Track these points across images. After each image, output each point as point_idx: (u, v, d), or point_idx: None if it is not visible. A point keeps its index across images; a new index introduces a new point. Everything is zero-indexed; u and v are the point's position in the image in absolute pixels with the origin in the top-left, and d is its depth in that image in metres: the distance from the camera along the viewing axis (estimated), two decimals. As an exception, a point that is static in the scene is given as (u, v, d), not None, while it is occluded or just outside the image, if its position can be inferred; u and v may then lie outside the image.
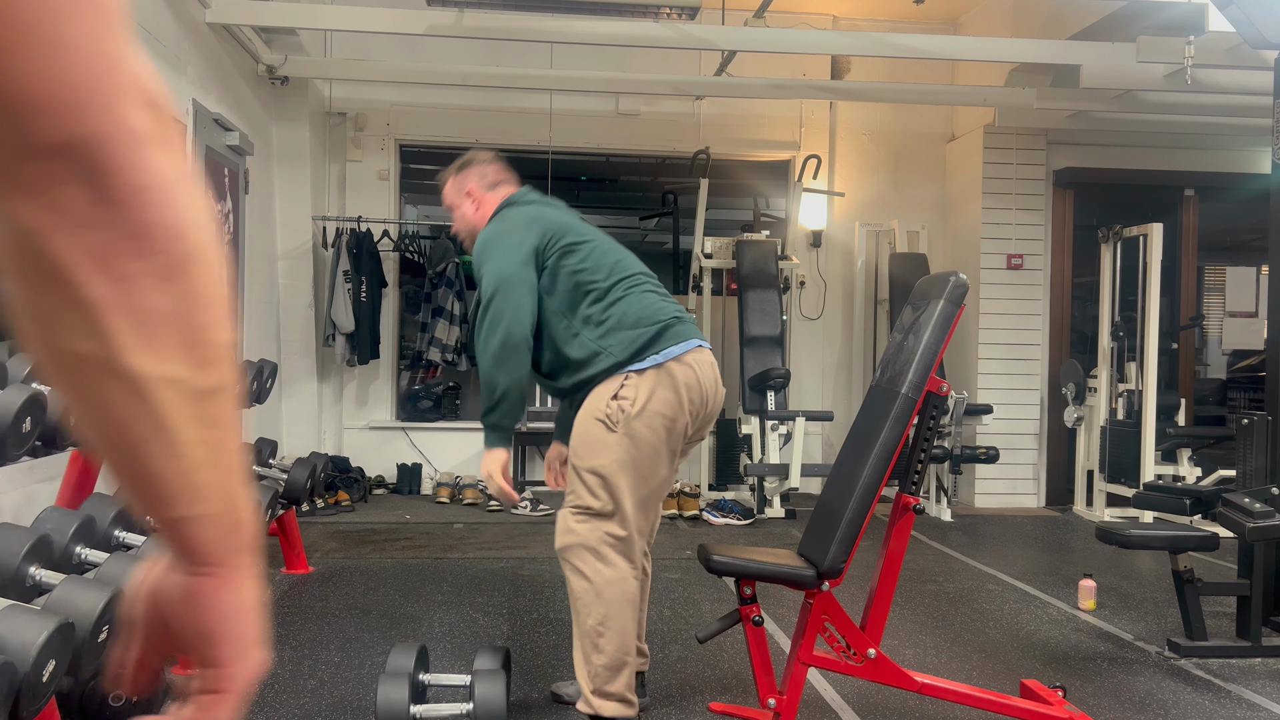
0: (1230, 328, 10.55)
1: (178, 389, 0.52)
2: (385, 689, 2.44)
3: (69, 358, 0.50)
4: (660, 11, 5.32)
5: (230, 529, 0.57)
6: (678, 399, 2.58)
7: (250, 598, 0.59)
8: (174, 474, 0.54)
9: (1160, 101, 6.22)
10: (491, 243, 2.67)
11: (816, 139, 7.29)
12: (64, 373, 0.51)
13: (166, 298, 0.50)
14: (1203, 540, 3.47)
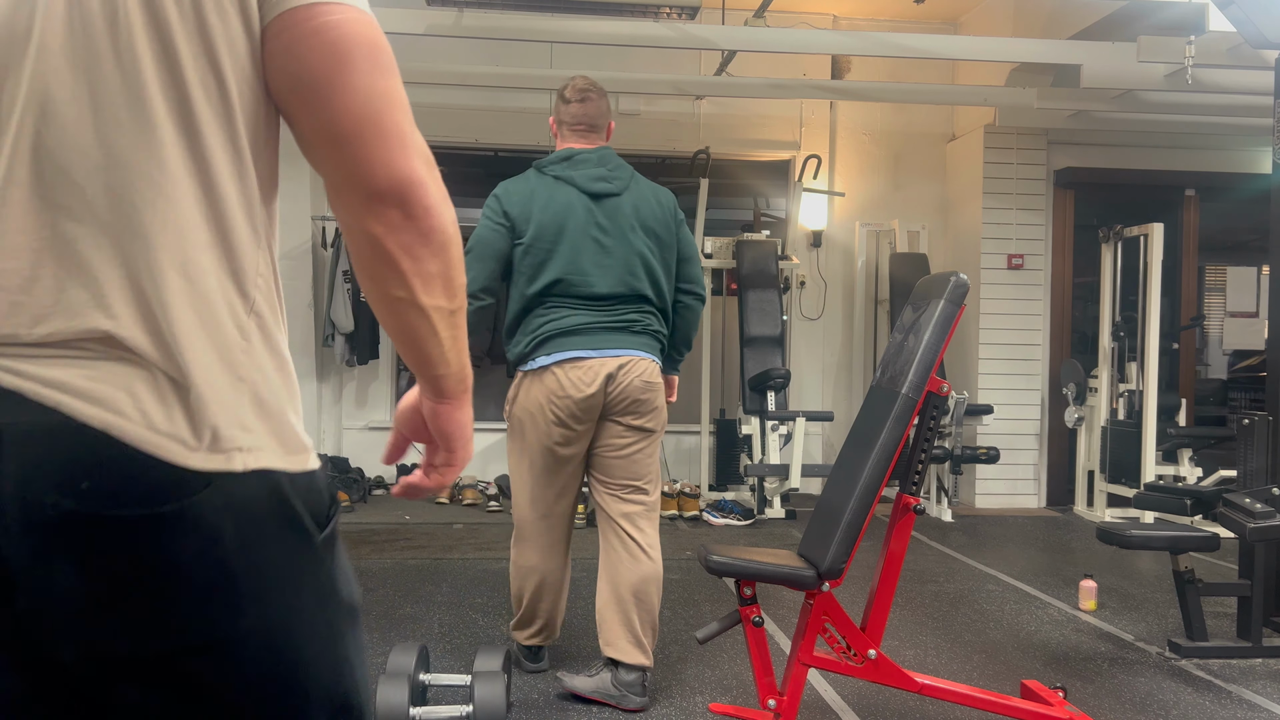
0: (1231, 328, 10.54)
1: (440, 311, 0.96)
2: (385, 690, 2.44)
3: (390, 299, 0.94)
4: (660, 11, 5.32)
5: (459, 381, 1.04)
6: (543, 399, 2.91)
7: (468, 418, 1.07)
8: (436, 353, 0.99)
9: (1161, 101, 6.21)
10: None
11: (816, 139, 7.29)
12: (386, 307, 0.95)
13: (436, 264, 0.93)
14: (1203, 541, 3.46)
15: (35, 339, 0.80)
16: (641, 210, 2.99)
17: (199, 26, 0.83)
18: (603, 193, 2.97)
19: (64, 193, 0.82)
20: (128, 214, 0.82)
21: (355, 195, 0.88)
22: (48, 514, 0.77)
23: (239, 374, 0.85)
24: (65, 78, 0.82)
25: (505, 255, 2.93)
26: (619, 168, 3.04)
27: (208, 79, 0.84)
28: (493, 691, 2.49)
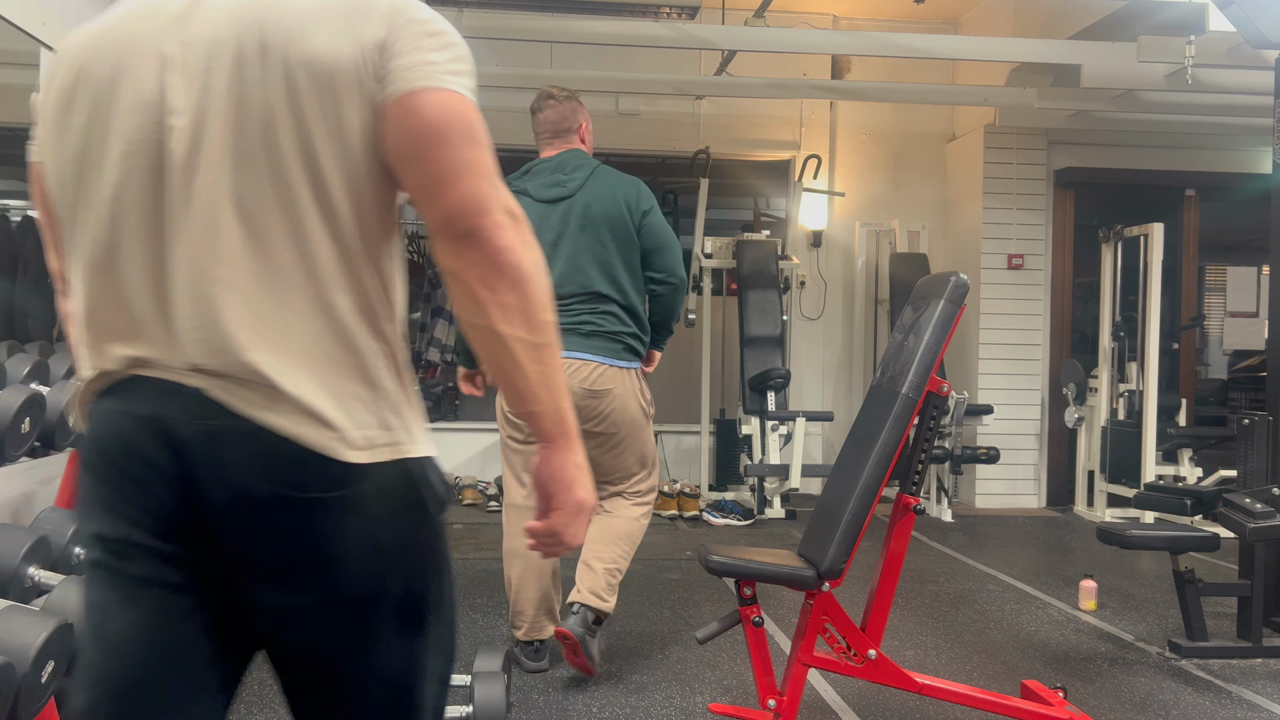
0: (1231, 328, 10.54)
1: (521, 343, 1.08)
2: None
3: (474, 326, 1.09)
4: (660, 11, 5.32)
5: (557, 422, 1.14)
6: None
7: (573, 460, 1.16)
8: (523, 385, 1.10)
9: (1161, 101, 6.21)
10: None
11: (817, 139, 7.29)
12: (474, 334, 1.10)
13: (513, 297, 1.07)
14: (1203, 541, 3.46)
15: (271, 381, 1.07)
16: (594, 208, 3.06)
17: (335, 123, 1.07)
18: (553, 198, 3.08)
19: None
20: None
21: (445, 238, 1.09)
22: (252, 492, 1.06)
23: (378, 393, 1.11)
24: (229, 161, 1.08)
25: None
26: (577, 169, 3.12)
27: (342, 158, 1.08)
28: (493, 692, 2.48)
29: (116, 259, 1.11)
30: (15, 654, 1.86)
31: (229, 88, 1.07)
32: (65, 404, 1.48)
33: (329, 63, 1.07)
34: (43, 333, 4.78)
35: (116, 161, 1.10)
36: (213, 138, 1.07)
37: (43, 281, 4.83)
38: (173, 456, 1.07)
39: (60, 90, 1.20)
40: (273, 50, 1.07)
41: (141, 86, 1.09)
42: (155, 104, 1.09)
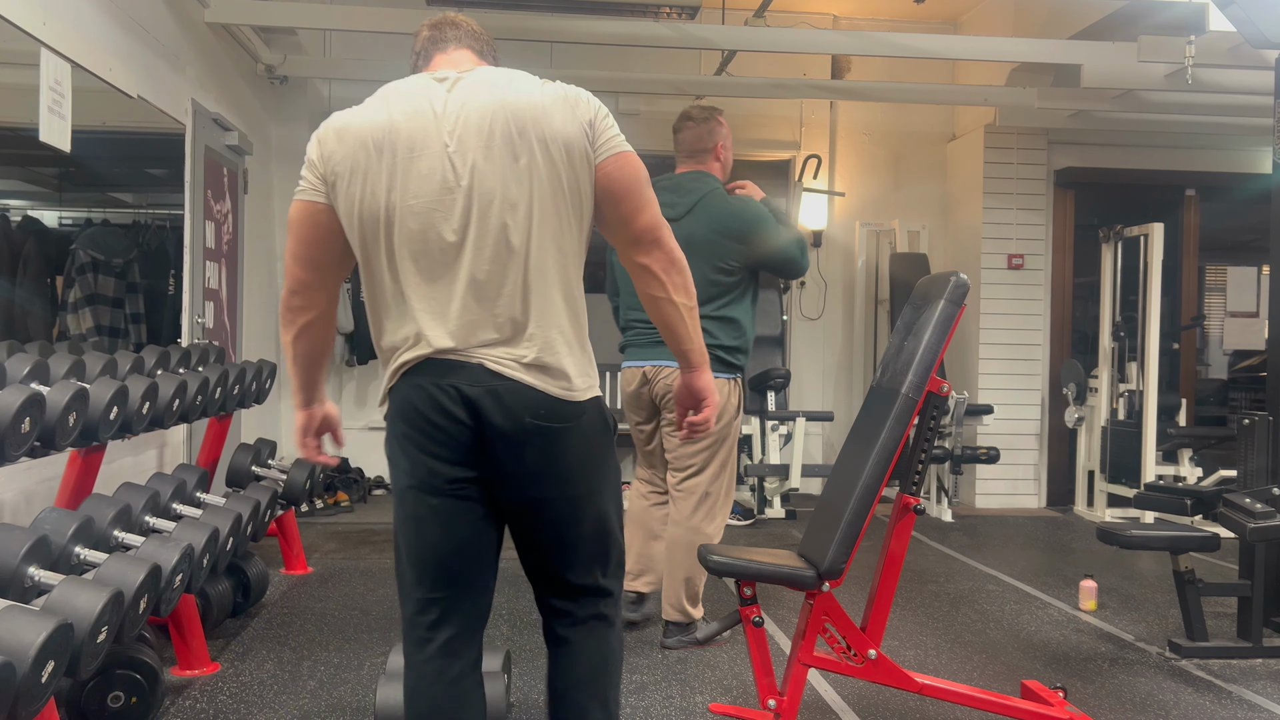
0: (1231, 328, 10.54)
1: (684, 307, 1.85)
2: (385, 690, 2.44)
3: (656, 299, 1.84)
4: (660, 11, 5.32)
5: (700, 355, 1.92)
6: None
7: (708, 376, 1.96)
8: (684, 333, 1.88)
9: (1161, 101, 6.21)
10: None
11: (817, 139, 7.29)
12: (654, 305, 1.85)
13: (679, 278, 1.83)
14: (1204, 541, 3.46)
15: (525, 357, 1.75)
16: (696, 235, 3.31)
17: (574, 177, 1.78)
18: (665, 217, 3.21)
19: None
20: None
21: (640, 246, 1.82)
22: (524, 425, 1.74)
23: (580, 355, 1.80)
24: (521, 208, 1.74)
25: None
26: (689, 193, 3.45)
27: (576, 200, 1.79)
28: (493, 691, 2.48)
29: (431, 276, 1.74)
30: (15, 654, 1.86)
31: (500, 157, 1.72)
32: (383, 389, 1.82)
33: (567, 137, 1.75)
34: (43, 333, 4.77)
35: (423, 213, 1.72)
36: (489, 190, 1.72)
37: (42, 281, 4.83)
38: (467, 408, 1.73)
39: (355, 161, 1.74)
40: (528, 131, 1.72)
41: (432, 164, 1.72)
42: (443, 174, 1.72)
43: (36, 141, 3.20)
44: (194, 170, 4.73)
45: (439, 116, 1.72)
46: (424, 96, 1.75)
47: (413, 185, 1.71)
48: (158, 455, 4.43)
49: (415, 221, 1.71)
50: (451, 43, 1.90)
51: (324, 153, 1.76)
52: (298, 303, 1.87)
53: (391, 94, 1.78)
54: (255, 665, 3.24)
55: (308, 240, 1.80)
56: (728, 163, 3.59)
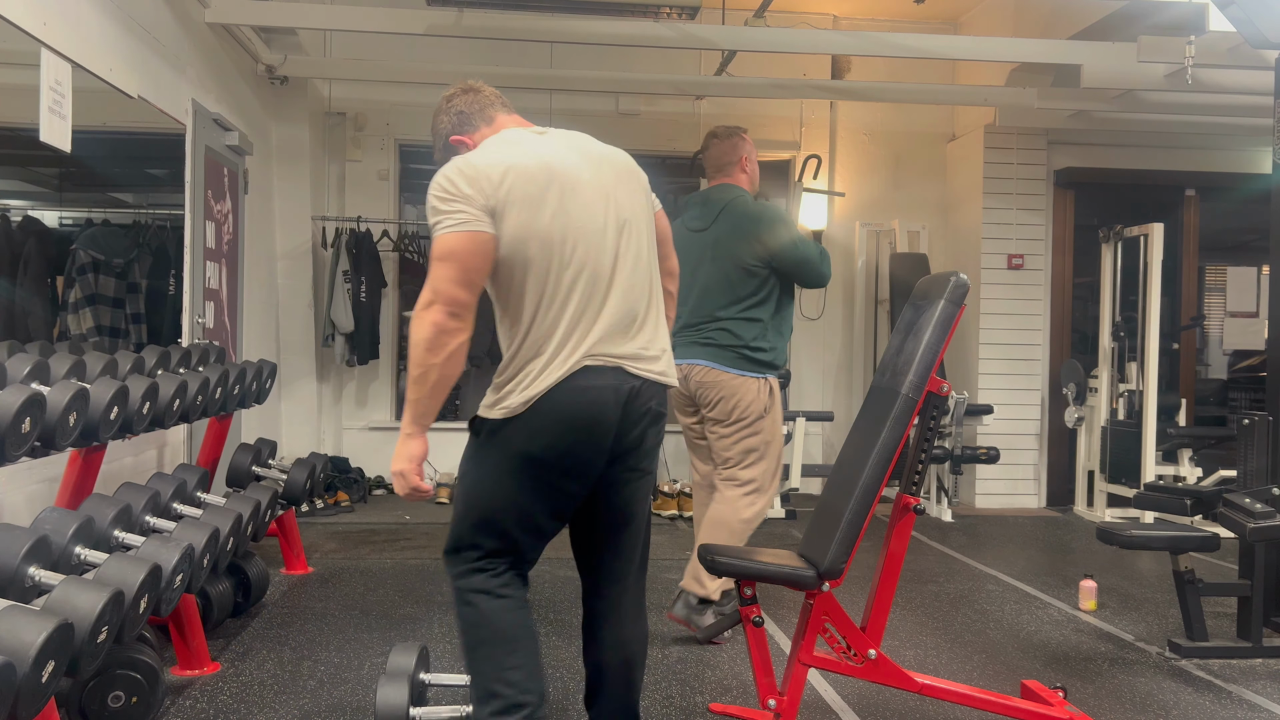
0: (1231, 328, 10.54)
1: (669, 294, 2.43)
2: (385, 690, 2.44)
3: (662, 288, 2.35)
4: (660, 11, 5.32)
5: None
6: None
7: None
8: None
9: (1161, 101, 6.21)
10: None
11: (817, 139, 7.29)
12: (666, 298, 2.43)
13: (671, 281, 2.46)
14: (1203, 541, 3.46)
15: (650, 355, 2.20)
16: (722, 242, 3.66)
17: (650, 223, 2.29)
18: (697, 229, 3.76)
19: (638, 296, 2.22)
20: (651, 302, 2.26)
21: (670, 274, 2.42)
22: (651, 409, 2.19)
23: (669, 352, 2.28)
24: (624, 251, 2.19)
25: None
26: (713, 205, 3.77)
27: (653, 243, 2.29)
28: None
29: (589, 296, 2.11)
30: (15, 654, 1.86)
31: (627, 198, 2.21)
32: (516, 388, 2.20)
33: (646, 185, 2.28)
34: (43, 333, 4.78)
35: (588, 236, 2.11)
36: (630, 218, 2.20)
37: (43, 281, 4.83)
38: (619, 400, 2.14)
39: (526, 194, 2.08)
40: (635, 175, 2.27)
41: (591, 196, 2.14)
42: (602, 204, 2.15)
43: (37, 142, 3.20)
44: (194, 170, 4.73)
45: (581, 157, 2.17)
46: (549, 143, 2.19)
47: (577, 213, 2.10)
48: (158, 455, 4.44)
49: (583, 244, 2.10)
50: (500, 108, 2.33)
51: (485, 188, 2.06)
52: (455, 325, 2.05)
53: (515, 140, 2.19)
54: (255, 665, 3.24)
55: (475, 267, 2.06)
56: (754, 175, 3.88)
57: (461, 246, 2.04)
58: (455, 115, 2.32)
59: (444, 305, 2.04)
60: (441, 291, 2.03)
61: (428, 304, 2.05)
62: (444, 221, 2.05)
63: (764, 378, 3.65)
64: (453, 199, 2.05)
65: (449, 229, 2.04)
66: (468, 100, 2.31)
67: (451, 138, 2.32)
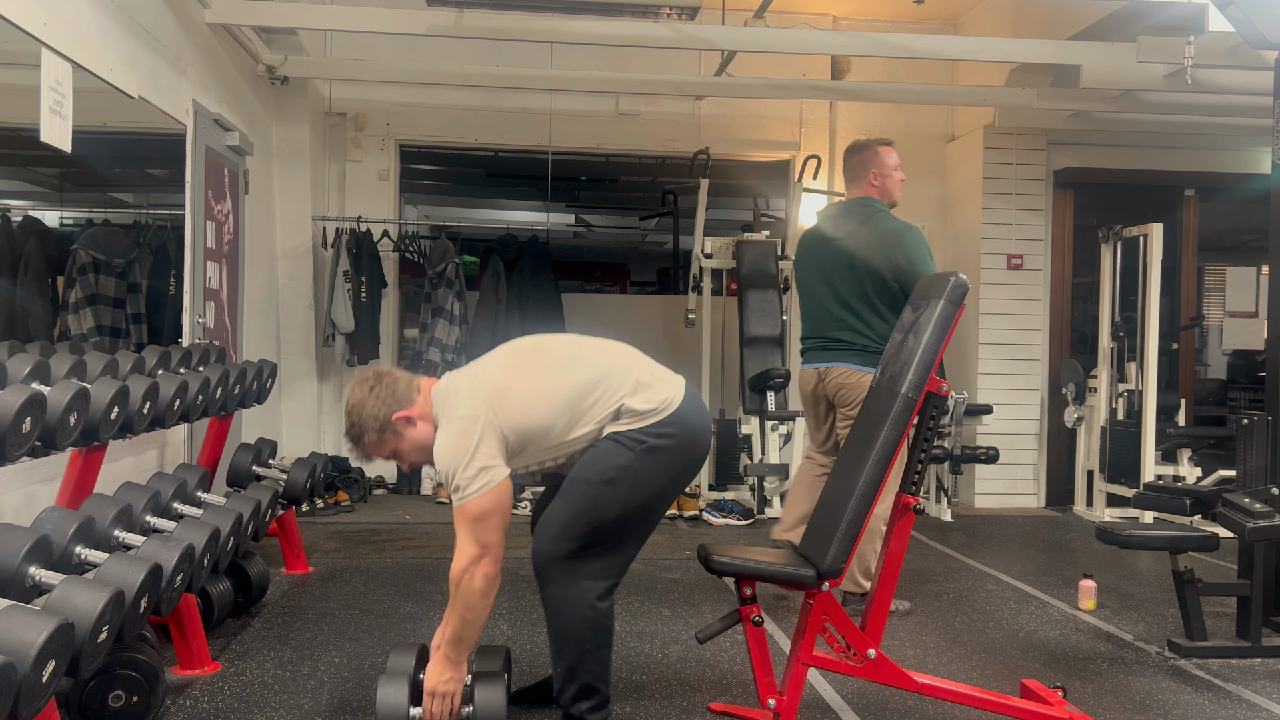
0: (1230, 328, 10.55)
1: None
2: (385, 690, 2.44)
3: None
4: (660, 11, 5.32)
5: None
6: None
7: None
8: None
9: (1160, 101, 6.21)
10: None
11: (816, 139, 7.29)
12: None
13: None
14: (1203, 540, 3.46)
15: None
16: (857, 254, 3.92)
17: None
18: (833, 235, 4.04)
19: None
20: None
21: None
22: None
23: None
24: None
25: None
26: (851, 217, 4.03)
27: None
28: (493, 692, 2.49)
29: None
30: (15, 654, 1.86)
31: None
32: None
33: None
34: (44, 333, 4.78)
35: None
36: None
37: (43, 282, 4.83)
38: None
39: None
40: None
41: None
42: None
43: (37, 142, 3.20)
44: (195, 170, 4.74)
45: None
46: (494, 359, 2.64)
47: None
48: (159, 455, 4.44)
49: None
50: (412, 385, 2.60)
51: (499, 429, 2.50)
52: (498, 569, 2.37)
53: (467, 375, 2.60)
54: (256, 665, 3.24)
55: (508, 509, 2.44)
56: (885, 187, 4.08)
57: (497, 502, 2.36)
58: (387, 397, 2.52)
59: (493, 558, 2.33)
60: (492, 545, 2.33)
61: (476, 558, 2.32)
62: (473, 486, 2.33)
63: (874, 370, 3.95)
64: (473, 462, 2.35)
65: (482, 490, 2.34)
66: (387, 384, 2.52)
67: (393, 416, 2.50)
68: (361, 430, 2.52)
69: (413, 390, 2.54)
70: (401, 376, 2.56)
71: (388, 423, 2.50)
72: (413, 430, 2.52)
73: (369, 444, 2.54)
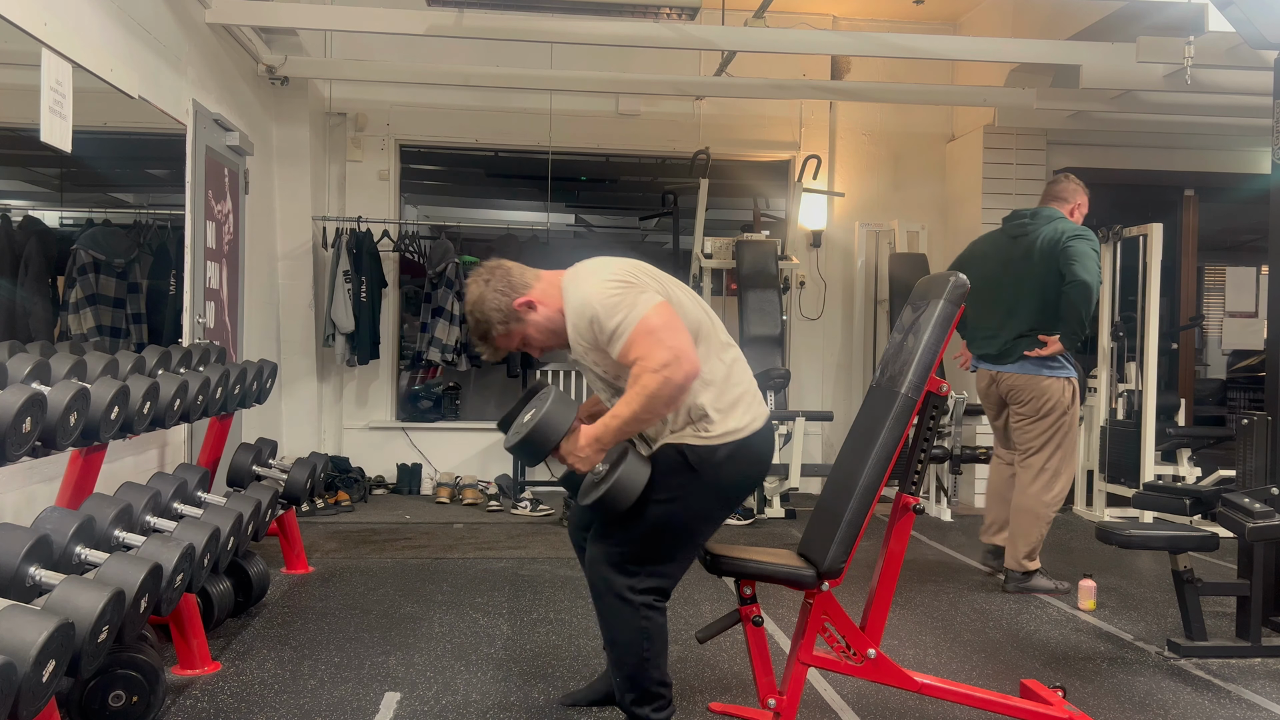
0: (1230, 328, 10.55)
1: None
2: (556, 405, 2.48)
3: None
4: (660, 12, 5.32)
5: None
6: None
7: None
8: None
9: (1160, 101, 6.21)
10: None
11: (816, 139, 7.29)
12: None
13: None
14: (1202, 540, 3.47)
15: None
16: (1034, 250, 4.38)
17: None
18: (1015, 235, 4.57)
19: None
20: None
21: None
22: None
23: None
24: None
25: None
26: (1042, 221, 4.46)
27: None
28: (640, 465, 2.45)
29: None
30: (16, 653, 1.87)
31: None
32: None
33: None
34: (44, 333, 4.78)
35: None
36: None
37: (44, 281, 4.84)
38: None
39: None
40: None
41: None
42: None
43: (38, 142, 3.20)
44: (195, 170, 4.74)
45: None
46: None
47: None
48: (159, 455, 4.44)
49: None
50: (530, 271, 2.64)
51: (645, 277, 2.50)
52: (685, 382, 2.38)
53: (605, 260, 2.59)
54: (256, 665, 3.24)
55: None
56: (1070, 211, 4.55)
57: (670, 311, 2.38)
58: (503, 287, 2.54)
59: (684, 369, 2.32)
60: (680, 349, 2.31)
61: (666, 363, 2.30)
62: (639, 306, 2.35)
63: (1068, 378, 4.37)
64: (625, 287, 2.38)
65: (650, 304, 2.36)
66: (500, 275, 2.53)
67: (514, 303, 2.51)
68: (487, 324, 2.53)
69: (528, 276, 2.54)
70: (515, 266, 2.56)
71: (510, 311, 2.51)
72: (535, 315, 2.53)
73: (497, 337, 2.55)
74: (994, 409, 4.62)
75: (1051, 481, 4.35)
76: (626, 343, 2.35)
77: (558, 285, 2.55)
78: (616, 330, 2.36)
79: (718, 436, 2.45)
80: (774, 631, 3.65)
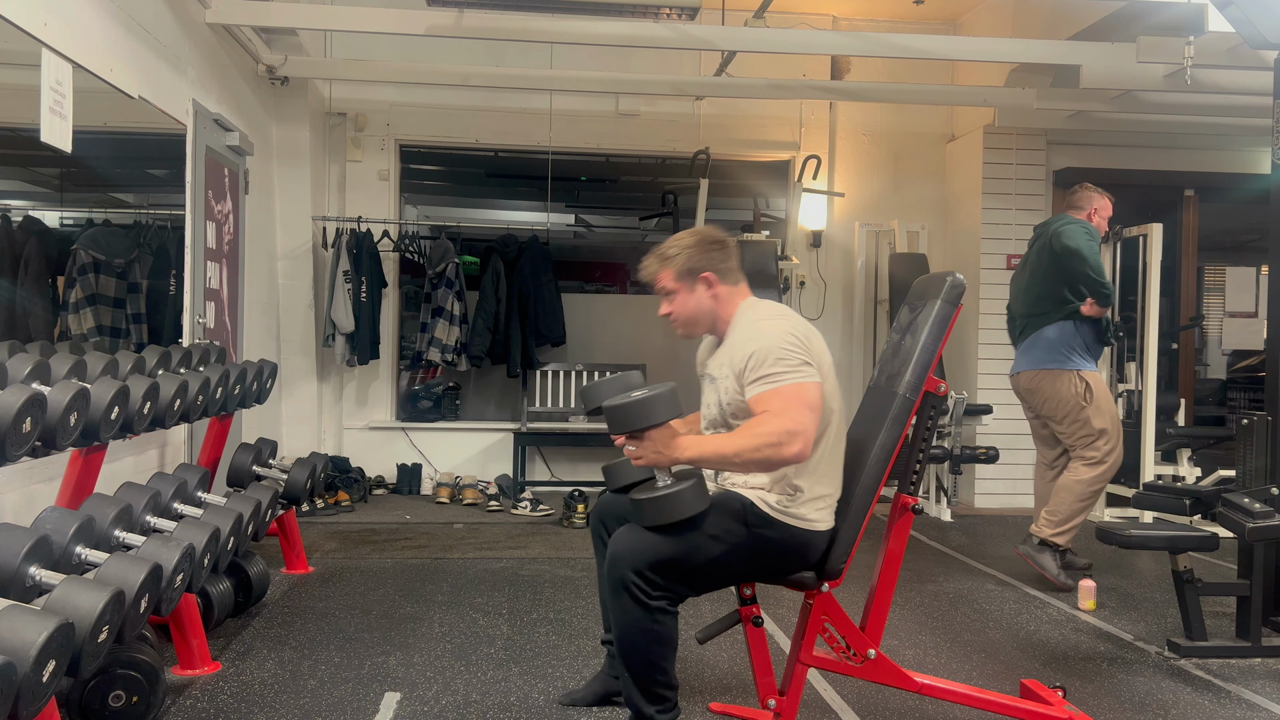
0: (1230, 328, 10.55)
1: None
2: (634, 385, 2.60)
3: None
4: (660, 12, 5.32)
5: None
6: None
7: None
8: None
9: (1160, 101, 6.21)
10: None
11: (816, 139, 7.29)
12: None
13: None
14: (1202, 540, 3.47)
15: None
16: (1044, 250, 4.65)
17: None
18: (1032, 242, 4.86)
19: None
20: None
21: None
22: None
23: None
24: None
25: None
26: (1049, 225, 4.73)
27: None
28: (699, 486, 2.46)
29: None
30: (16, 653, 1.87)
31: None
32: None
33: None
34: (44, 333, 4.78)
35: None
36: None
37: (44, 282, 4.83)
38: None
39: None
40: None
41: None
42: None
43: (38, 142, 3.20)
44: (195, 171, 4.74)
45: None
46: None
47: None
48: (159, 455, 4.44)
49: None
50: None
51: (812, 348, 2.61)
52: (786, 459, 2.37)
53: (782, 309, 2.74)
54: (256, 665, 3.24)
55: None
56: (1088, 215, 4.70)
57: (819, 396, 2.43)
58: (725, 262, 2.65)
59: (797, 450, 2.31)
60: (802, 433, 2.32)
61: (787, 435, 2.30)
62: (801, 371, 2.41)
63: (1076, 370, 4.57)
64: (801, 351, 2.44)
65: (809, 378, 2.41)
66: (723, 253, 2.64)
67: (705, 271, 2.61)
68: (678, 253, 2.64)
69: (734, 275, 2.67)
70: (736, 255, 2.70)
71: (698, 270, 2.62)
72: (705, 292, 2.64)
73: (670, 268, 2.64)
74: (1028, 411, 4.91)
75: (1093, 465, 4.57)
76: (769, 393, 2.40)
77: (737, 302, 2.68)
78: (768, 376, 2.41)
79: (786, 514, 2.47)
80: (774, 632, 3.65)
